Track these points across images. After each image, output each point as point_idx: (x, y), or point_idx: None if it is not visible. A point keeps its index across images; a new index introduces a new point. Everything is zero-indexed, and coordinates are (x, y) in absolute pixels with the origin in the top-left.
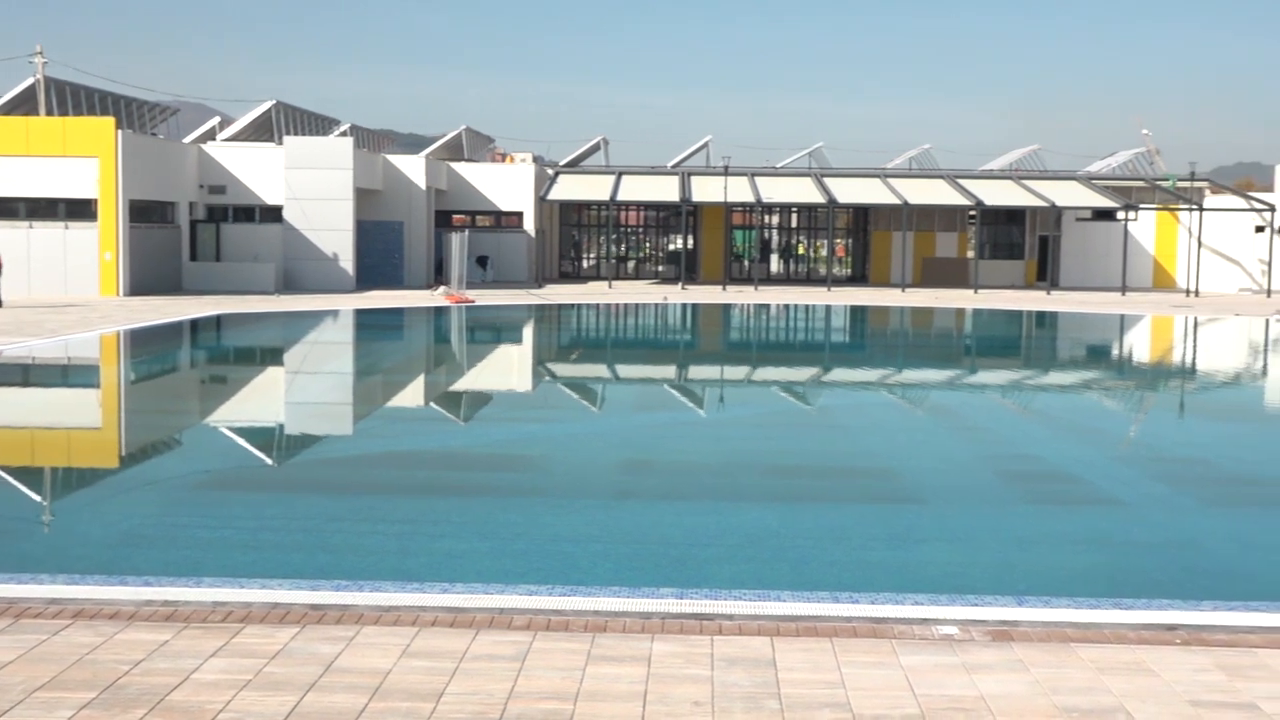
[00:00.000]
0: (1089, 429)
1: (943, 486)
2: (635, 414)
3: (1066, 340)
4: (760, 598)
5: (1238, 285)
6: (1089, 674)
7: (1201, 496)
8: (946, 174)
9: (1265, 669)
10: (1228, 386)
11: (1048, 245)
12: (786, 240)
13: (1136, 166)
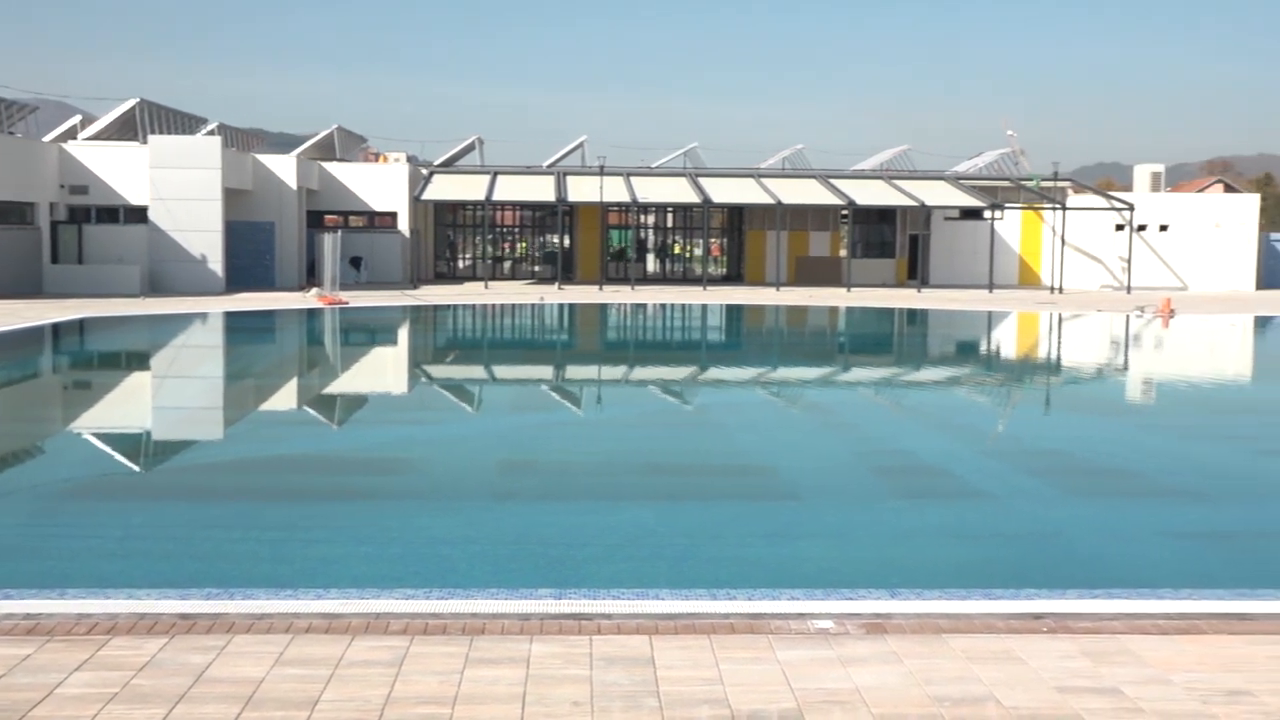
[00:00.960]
0: (958, 424)
1: (818, 483)
2: (512, 415)
3: (937, 337)
4: (639, 596)
5: (1100, 282)
6: (960, 663)
7: (1066, 488)
8: (819, 174)
9: (1128, 654)
10: (1090, 381)
11: (918, 244)
12: (662, 240)
13: (1002, 167)
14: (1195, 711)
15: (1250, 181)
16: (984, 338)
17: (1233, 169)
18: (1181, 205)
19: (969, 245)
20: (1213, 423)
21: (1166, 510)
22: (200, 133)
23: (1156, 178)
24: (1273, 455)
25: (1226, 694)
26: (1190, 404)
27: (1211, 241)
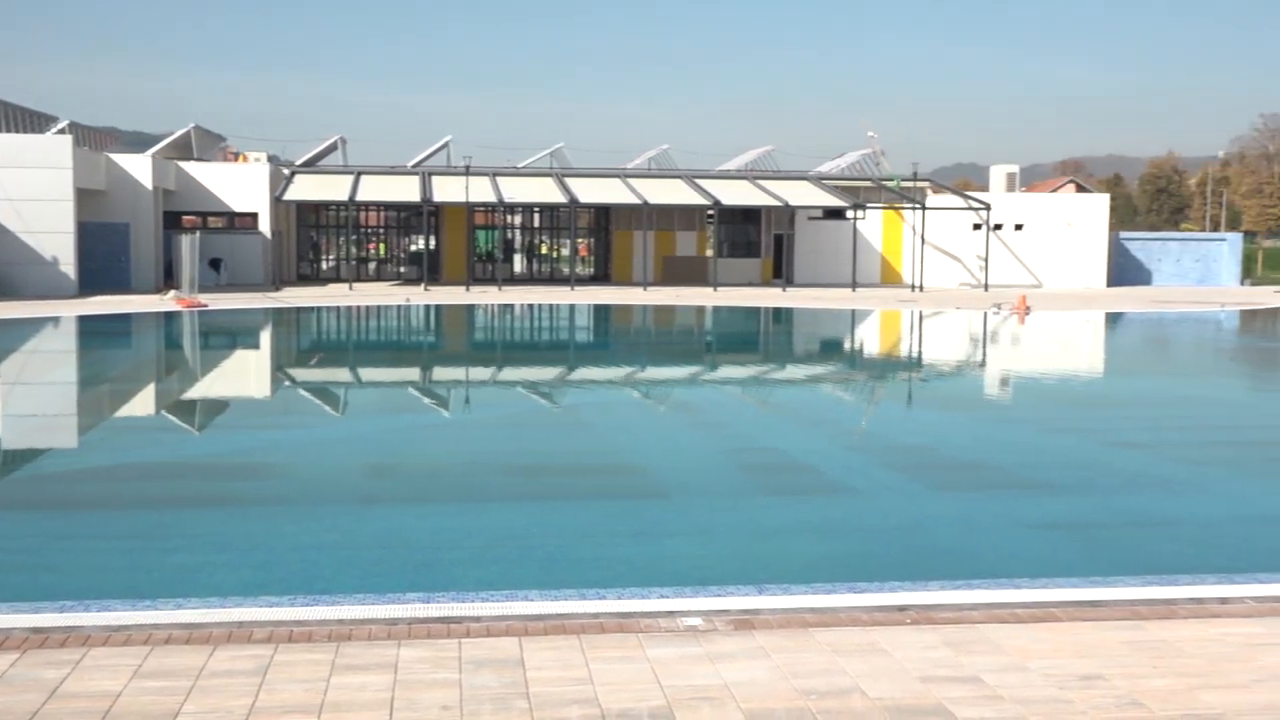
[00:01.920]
0: (824, 421)
1: (687, 481)
2: (379, 418)
3: (802, 336)
4: (508, 598)
5: (959, 280)
6: (826, 657)
7: (928, 482)
8: (685, 174)
9: (987, 643)
10: (950, 377)
11: (782, 243)
12: (529, 240)
13: (864, 167)
14: (1051, 697)
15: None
16: (848, 336)
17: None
18: (1036, 205)
19: (832, 244)
20: (1066, 416)
21: (1023, 502)
22: (50, 131)
23: (1012, 178)
24: (1123, 447)
25: (1080, 679)
26: (1045, 398)
27: (1064, 240)
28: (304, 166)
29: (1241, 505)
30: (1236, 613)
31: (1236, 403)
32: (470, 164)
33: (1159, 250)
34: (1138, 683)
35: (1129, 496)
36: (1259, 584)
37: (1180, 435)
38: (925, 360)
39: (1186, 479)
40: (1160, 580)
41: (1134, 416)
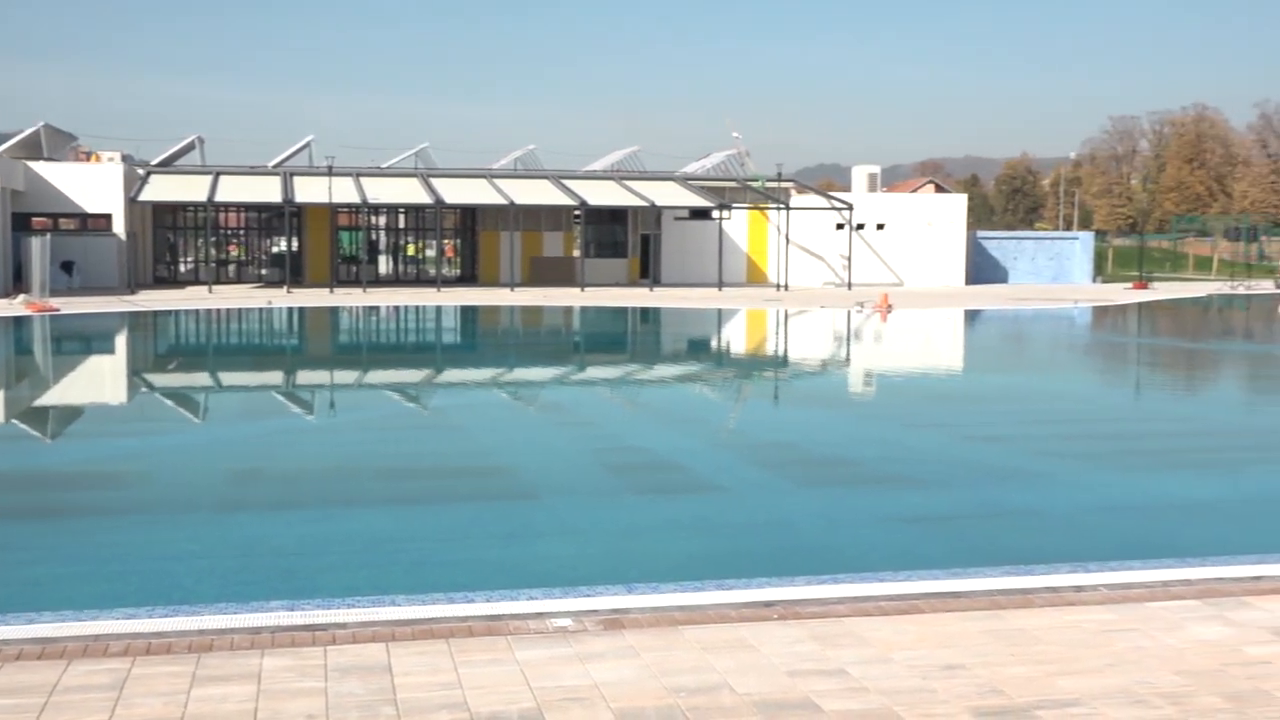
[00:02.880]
0: (691, 419)
1: (556, 481)
2: (240, 423)
3: (670, 335)
4: (375, 604)
5: (822, 279)
6: (695, 654)
7: (794, 478)
8: (551, 174)
9: (852, 636)
10: (815, 374)
11: (649, 243)
12: (395, 241)
13: (729, 168)
14: (915, 687)
15: (959, 182)
16: (715, 335)
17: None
18: (897, 205)
19: (698, 244)
20: (927, 411)
21: (887, 497)
22: None
23: (873, 178)
24: (981, 441)
25: (943, 668)
26: (907, 394)
27: (925, 239)
28: (160, 166)
29: (1094, 495)
30: (1090, 600)
31: (1089, 396)
32: (333, 164)
33: (1015, 249)
34: (997, 671)
35: (988, 489)
36: (1111, 572)
37: (1036, 429)
38: (791, 358)
39: (1042, 471)
40: (1018, 571)
41: (992, 411)
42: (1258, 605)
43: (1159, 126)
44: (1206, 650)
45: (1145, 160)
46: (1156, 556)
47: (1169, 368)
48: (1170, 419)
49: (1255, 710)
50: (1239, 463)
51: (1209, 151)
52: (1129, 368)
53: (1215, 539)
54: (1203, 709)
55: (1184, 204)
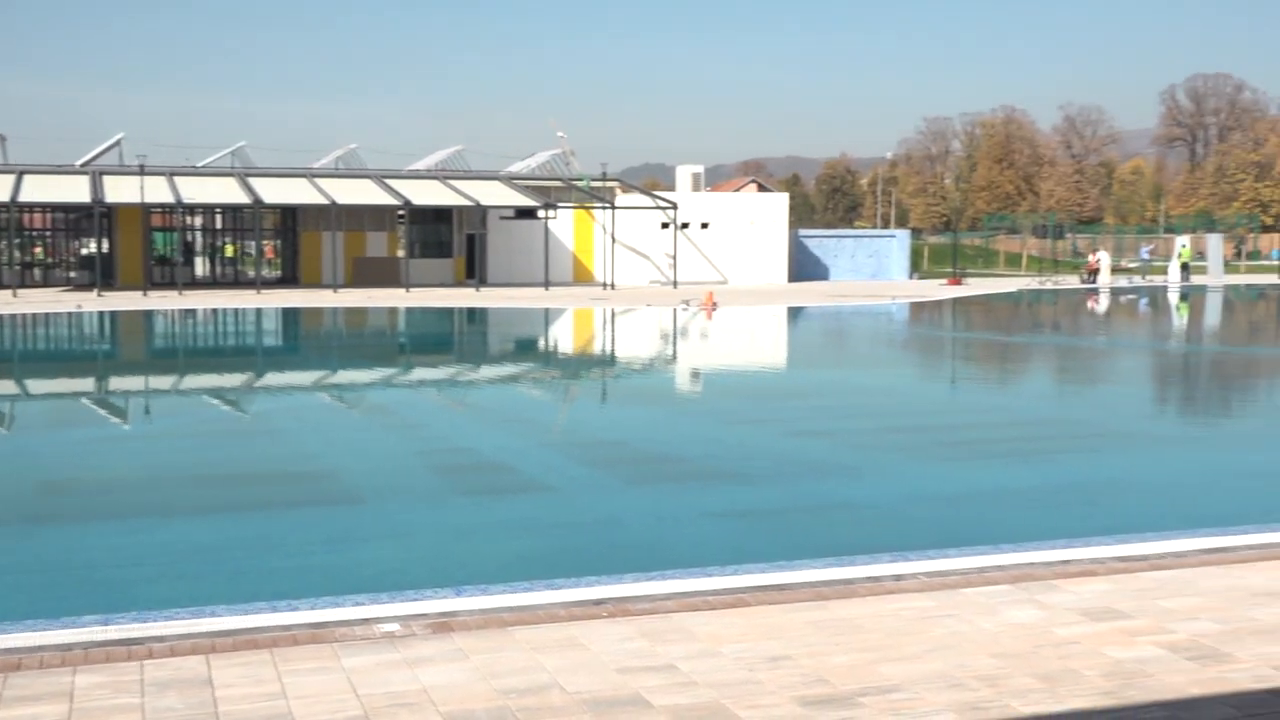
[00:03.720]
0: (519, 419)
1: (382, 484)
2: (49, 431)
3: (497, 335)
4: (194, 615)
5: (649, 278)
6: (525, 654)
7: (622, 476)
8: (374, 174)
9: (682, 631)
10: (642, 372)
11: (475, 243)
12: (212, 242)
13: (554, 167)
14: (742, 679)
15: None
16: (542, 335)
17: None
18: (720, 204)
19: (525, 244)
20: (752, 407)
21: (713, 492)
22: None
23: (697, 178)
24: (804, 435)
25: (769, 660)
26: (732, 391)
27: (748, 238)
28: None
29: (913, 486)
30: (910, 588)
31: (907, 390)
32: (145, 163)
33: (835, 247)
34: (822, 660)
35: (811, 483)
36: (929, 560)
37: (857, 423)
38: (618, 357)
39: (863, 464)
40: (841, 562)
41: (814, 406)
42: (1066, 588)
43: (970, 128)
44: (1019, 633)
45: (958, 160)
46: (972, 544)
47: (982, 361)
48: (983, 410)
49: (1065, 689)
50: (1047, 451)
51: (1017, 152)
52: (944, 362)
53: (1026, 525)
54: (1016, 689)
55: (995, 202)
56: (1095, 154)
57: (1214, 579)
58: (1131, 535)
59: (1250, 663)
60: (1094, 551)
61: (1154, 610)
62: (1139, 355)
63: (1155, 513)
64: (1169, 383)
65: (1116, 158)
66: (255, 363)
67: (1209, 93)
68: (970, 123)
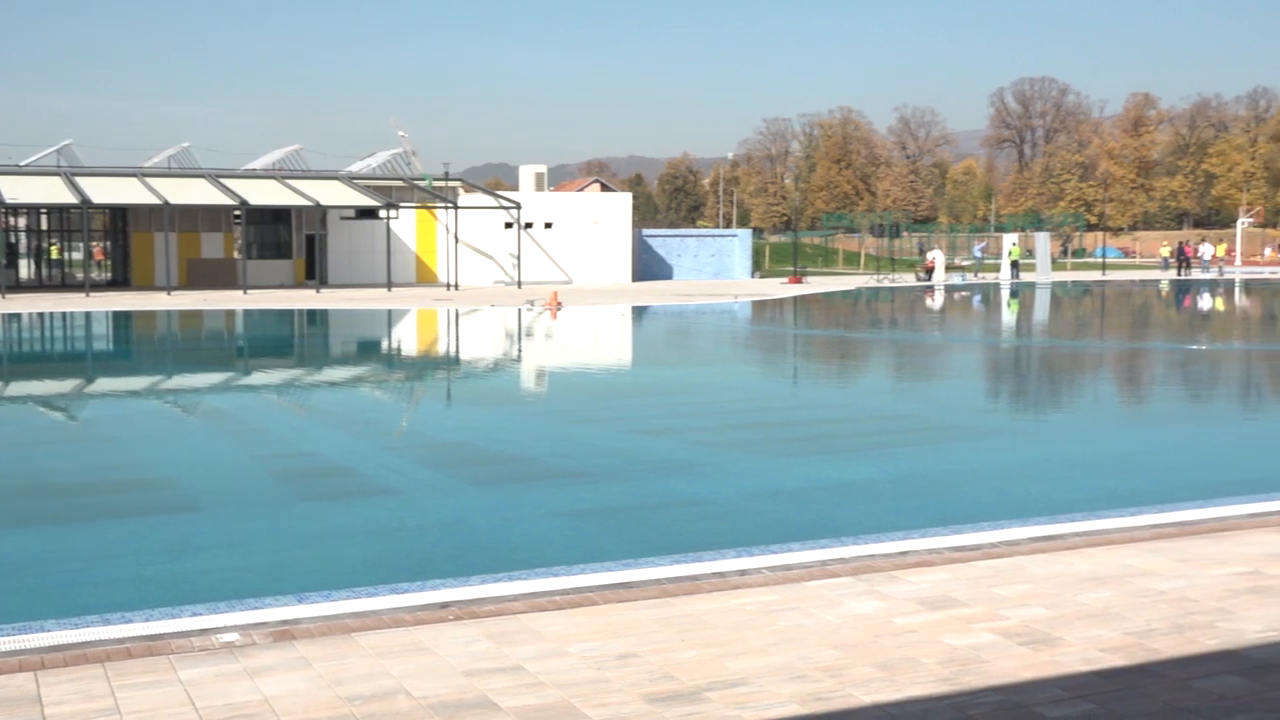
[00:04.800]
0: (362, 421)
1: (220, 491)
2: None
3: (338, 337)
4: (21, 631)
5: (493, 278)
6: (370, 660)
7: (468, 477)
8: (209, 173)
9: (529, 632)
10: (487, 373)
11: (314, 244)
12: (37, 244)
13: (395, 166)
14: (590, 678)
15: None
16: (385, 336)
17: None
18: (564, 204)
19: (366, 244)
20: (598, 406)
21: (560, 491)
22: None
23: (540, 178)
24: (650, 433)
25: (617, 658)
26: (578, 390)
27: (592, 238)
28: None
29: (756, 482)
30: (754, 583)
31: (749, 387)
32: None
33: (678, 246)
34: (668, 657)
35: (656, 480)
36: (773, 555)
37: (701, 420)
38: (463, 358)
39: (707, 460)
40: (686, 558)
41: (659, 404)
42: (905, 579)
43: (809, 129)
44: (860, 624)
45: (797, 160)
46: (814, 538)
47: (823, 358)
48: (824, 406)
49: (904, 677)
50: (886, 445)
51: (855, 153)
52: (786, 359)
53: (867, 518)
54: (858, 679)
55: (833, 202)
56: (929, 155)
57: (1044, 566)
58: (966, 526)
59: (1079, 646)
60: (931, 542)
61: (988, 598)
62: (972, 350)
63: (989, 503)
64: (1000, 377)
65: (949, 158)
66: (85, 368)
67: (1035, 96)
68: (809, 124)
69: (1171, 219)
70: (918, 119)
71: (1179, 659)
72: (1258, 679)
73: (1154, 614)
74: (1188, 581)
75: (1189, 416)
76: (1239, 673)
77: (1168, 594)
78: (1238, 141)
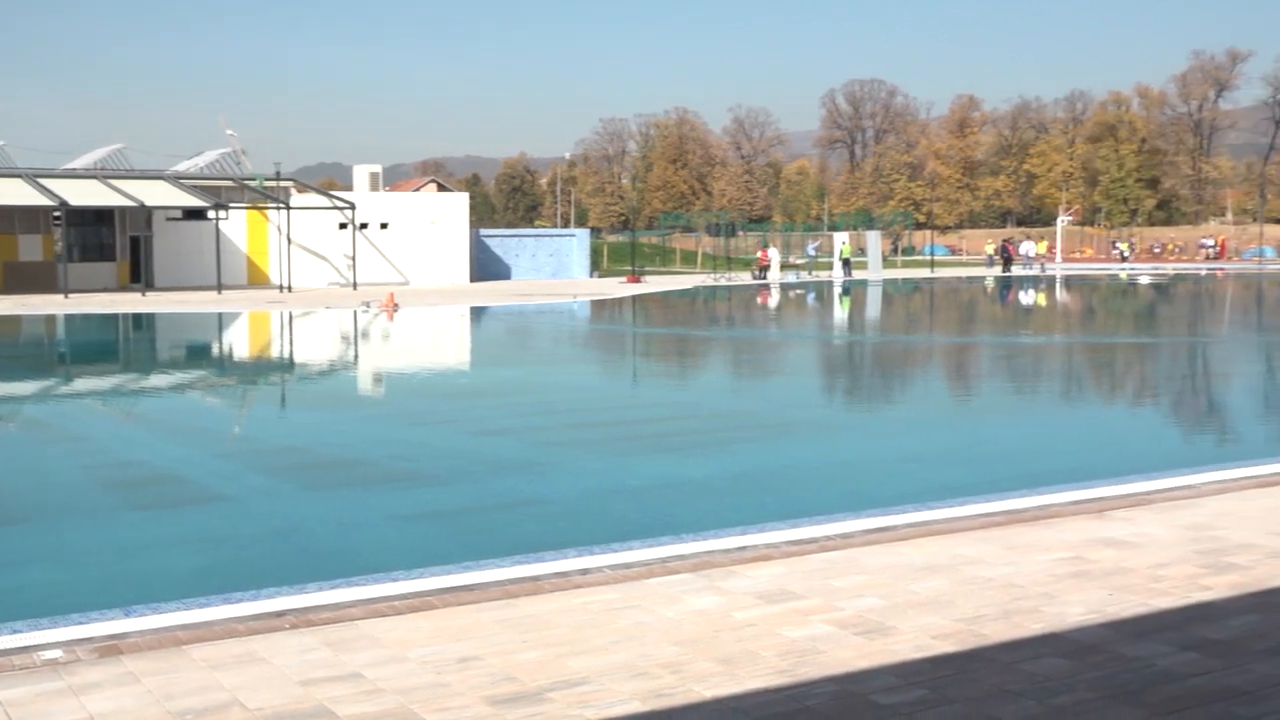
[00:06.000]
0: (193, 428)
1: (42, 503)
2: None
3: (166, 342)
4: None
5: (328, 280)
6: (202, 673)
7: (304, 483)
8: (25, 173)
9: (367, 638)
10: (323, 376)
11: (140, 246)
12: None
13: (224, 166)
14: (430, 683)
15: (460, 181)
16: (216, 340)
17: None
18: (400, 204)
19: (195, 246)
20: (436, 408)
21: (399, 495)
22: None
23: (375, 177)
24: (490, 434)
25: (458, 661)
26: (415, 392)
27: (429, 238)
28: None
29: (597, 481)
30: (596, 582)
31: (589, 386)
32: None
33: (516, 246)
34: (510, 658)
35: (497, 481)
36: (614, 553)
37: (541, 420)
38: (297, 361)
39: (548, 460)
40: (528, 559)
41: (499, 404)
42: (744, 573)
43: (645, 129)
44: (700, 620)
45: (634, 160)
46: (655, 536)
47: (661, 356)
48: (663, 404)
49: (744, 670)
50: (724, 442)
51: (691, 153)
52: (625, 357)
53: (706, 515)
54: (698, 674)
55: (670, 201)
56: (763, 155)
57: (878, 557)
58: (803, 520)
59: (911, 634)
60: (769, 537)
61: (824, 590)
62: (807, 347)
63: (825, 497)
64: (835, 373)
65: (783, 158)
66: None
67: (865, 97)
68: (645, 124)
69: (996, 218)
70: (752, 120)
71: (1006, 643)
72: (1079, 659)
73: (983, 600)
74: (1014, 568)
75: (1014, 409)
76: (1062, 654)
77: (995, 581)
78: (1057, 143)
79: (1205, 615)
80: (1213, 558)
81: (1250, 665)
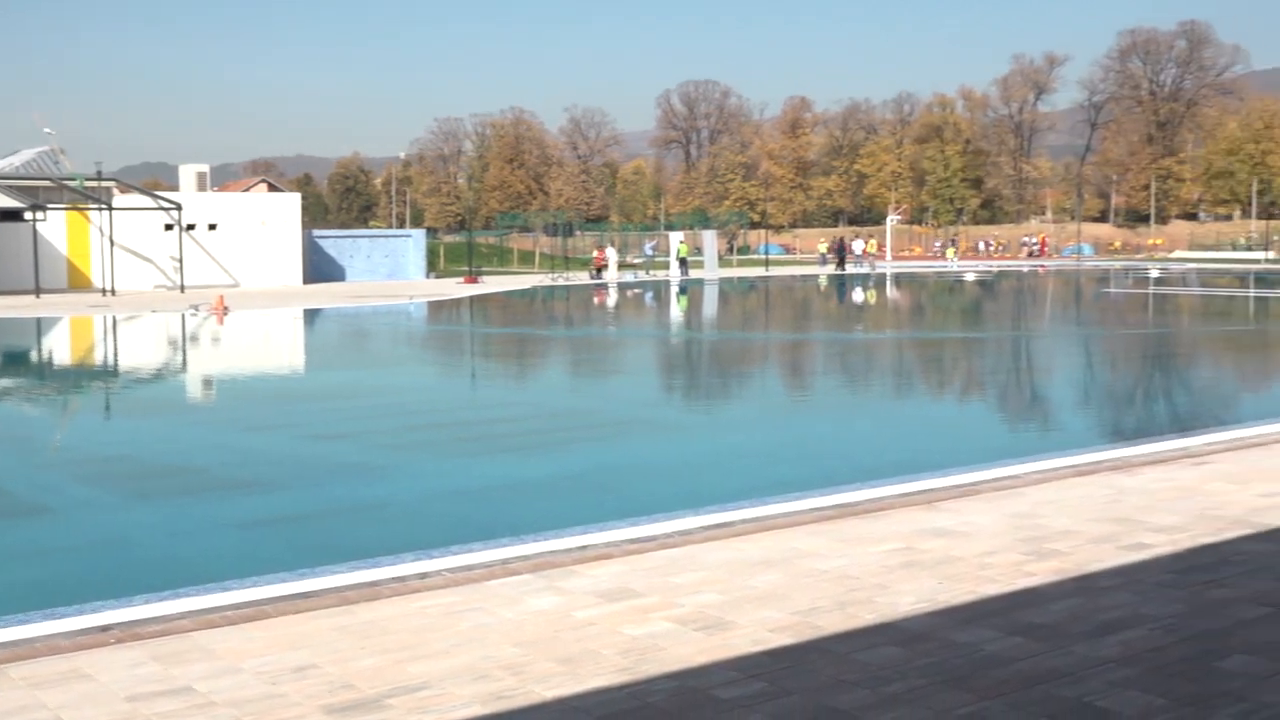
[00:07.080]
0: (9, 438)
1: None
2: None
3: None
4: None
5: (154, 282)
6: (22, 693)
7: (129, 492)
8: None
9: (200, 650)
10: (149, 382)
11: None
12: None
13: (42, 166)
14: (265, 694)
15: (292, 181)
16: (34, 346)
17: (275, 169)
18: (229, 205)
19: (11, 248)
20: (268, 413)
21: (230, 503)
22: None
23: (202, 177)
24: (325, 439)
25: (293, 671)
26: (246, 397)
27: (259, 239)
28: None
29: (436, 483)
30: (435, 585)
31: (426, 388)
32: None
33: (350, 247)
34: (348, 665)
35: (333, 486)
36: (453, 556)
37: (378, 423)
38: (122, 366)
39: (386, 464)
40: (366, 564)
41: (334, 408)
42: (584, 573)
43: (481, 129)
44: (541, 620)
45: (470, 160)
46: (495, 537)
47: (499, 357)
48: (502, 405)
49: (585, 669)
50: (564, 442)
51: (527, 152)
52: (463, 358)
53: (546, 515)
54: (539, 675)
55: (507, 202)
56: (600, 155)
57: (716, 553)
58: (642, 518)
59: (750, 628)
60: (609, 535)
61: (664, 587)
62: (645, 345)
63: (664, 495)
64: (672, 371)
65: (619, 158)
66: None
67: (700, 98)
68: (481, 124)
69: (828, 217)
70: (588, 119)
71: (842, 634)
72: (911, 648)
73: (818, 593)
74: (848, 560)
75: (847, 404)
76: (895, 643)
77: (830, 573)
78: (885, 143)
79: (1030, 601)
80: (1036, 545)
81: (1071, 647)
